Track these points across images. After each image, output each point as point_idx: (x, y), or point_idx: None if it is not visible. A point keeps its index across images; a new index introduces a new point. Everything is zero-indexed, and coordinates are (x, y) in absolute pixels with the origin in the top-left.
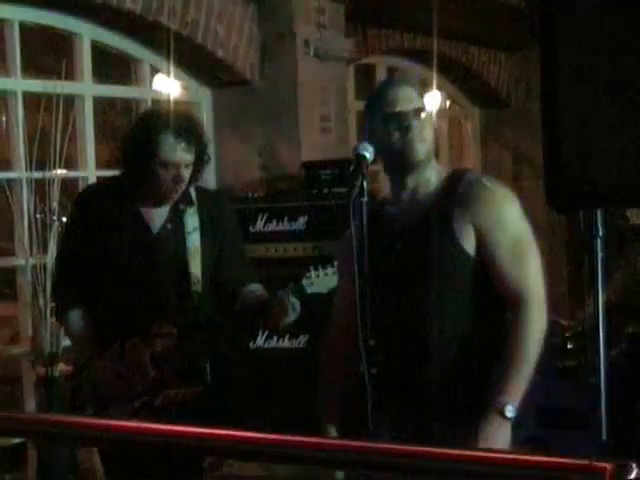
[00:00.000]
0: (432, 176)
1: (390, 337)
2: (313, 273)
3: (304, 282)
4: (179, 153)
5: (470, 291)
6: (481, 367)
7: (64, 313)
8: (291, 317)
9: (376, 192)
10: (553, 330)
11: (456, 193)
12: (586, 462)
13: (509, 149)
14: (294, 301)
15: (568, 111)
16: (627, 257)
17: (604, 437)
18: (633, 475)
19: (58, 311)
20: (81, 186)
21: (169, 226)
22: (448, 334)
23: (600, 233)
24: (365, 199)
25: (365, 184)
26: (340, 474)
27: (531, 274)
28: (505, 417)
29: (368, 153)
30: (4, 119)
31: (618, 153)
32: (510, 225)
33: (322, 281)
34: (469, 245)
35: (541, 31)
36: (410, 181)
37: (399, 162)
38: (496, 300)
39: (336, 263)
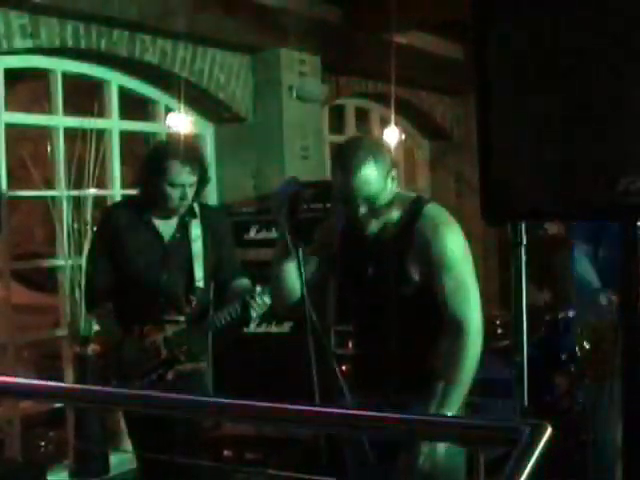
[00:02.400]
0: (393, 211)
1: (358, 328)
2: None
3: None
4: (184, 176)
5: (413, 301)
6: (423, 353)
7: (94, 307)
8: (257, 312)
9: None
10: (488, 317)
11: (413, 229)
12: (511, 423)
13: (452, 173)
14: (260, 302)
15: (498, 142)
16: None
17: (525, 404)
18: (547, 433)
19: (88, 305)
20: (109, 202)
21: (177, 235)
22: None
23: (524, 241)
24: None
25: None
26: None
27: (471, 304)
28: None
29: None
30: (49, 148)
31: (539, 177)
32: (454, 261)
33: None
34: (414, 272)
35: (476, 74)
36: (364, 209)
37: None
38: (434, 313)
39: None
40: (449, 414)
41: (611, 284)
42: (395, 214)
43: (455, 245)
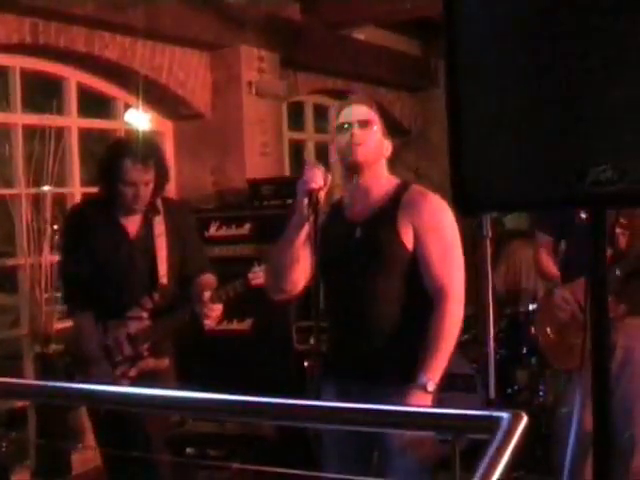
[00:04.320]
0: (382, 181)
1: (340, 312)
2: (257, 268)
3: (249, 276)
4: (137, 174)
5: (406, 278)
6: (410, 342)
7: (76, 311)
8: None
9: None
10: None
11: (402, 199)
12: (488, 413)
13: (410, 169)
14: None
15: (469, 134)
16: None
17: (492, 395)
18: (524, 422)
19: (71, 308)
20: (68, 200)
21: (142, 232)
22: (387, 312)
23: (489, 234)
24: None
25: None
26: None
27: (453, 273)
28: (427, 391)
29: (315, 184)
30: (7, 146)
31: (510, 168)
32: (442, 230)
33: (264, 275)
34: (408, 241)
35: (446, 66)
36: (361, 180)
37: (346, 162)
38: (424, 289)
39: None
40: (432, 381)
41: (574, 278)
42: (386, 187)
43: (443, 212)
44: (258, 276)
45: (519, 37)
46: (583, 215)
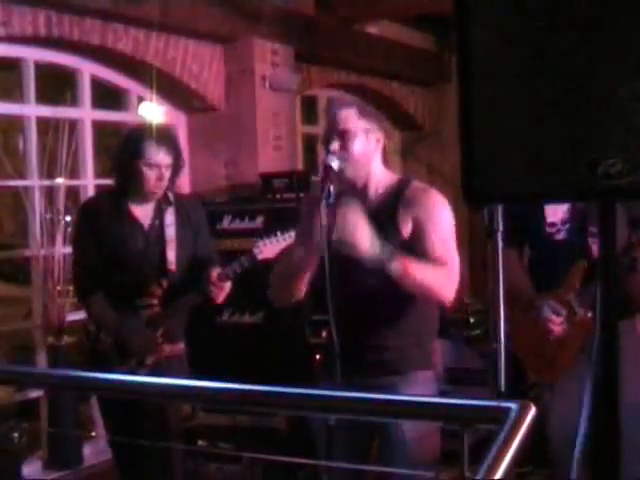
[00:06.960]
0: (379, 177)
1: (341, 309)
2: (261, 242)
3: (254, 251)
4: (161, 156)
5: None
6: (408, 336)
7: (87, 296)
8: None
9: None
10: (459, 307)
11: (403, 196)
12: (495, 403)
13: (423, 163)
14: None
15: (480, 125)
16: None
17: (503, 389)
18: (532, 412)
19: (81, 295)
20: (82, 192)
21: (155, 222)
22: (387, 309)
23: (500, 227)
24: (331, 200)
25: (332, 188)
26: None
27: (451, 257)
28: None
29: (334, 163)
30: (21, 138)
31: (520, 160)
32: (441, 222)
33: (269, 248)
34: (405, 232)
35: (458, 56)
36: (358, 183)
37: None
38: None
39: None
40: (397, 263)
41: (543, 289)
42: (384, 183)
43: (442, 206)
44: (263, 250)
45: (529, 31)
46: (550, 230)
